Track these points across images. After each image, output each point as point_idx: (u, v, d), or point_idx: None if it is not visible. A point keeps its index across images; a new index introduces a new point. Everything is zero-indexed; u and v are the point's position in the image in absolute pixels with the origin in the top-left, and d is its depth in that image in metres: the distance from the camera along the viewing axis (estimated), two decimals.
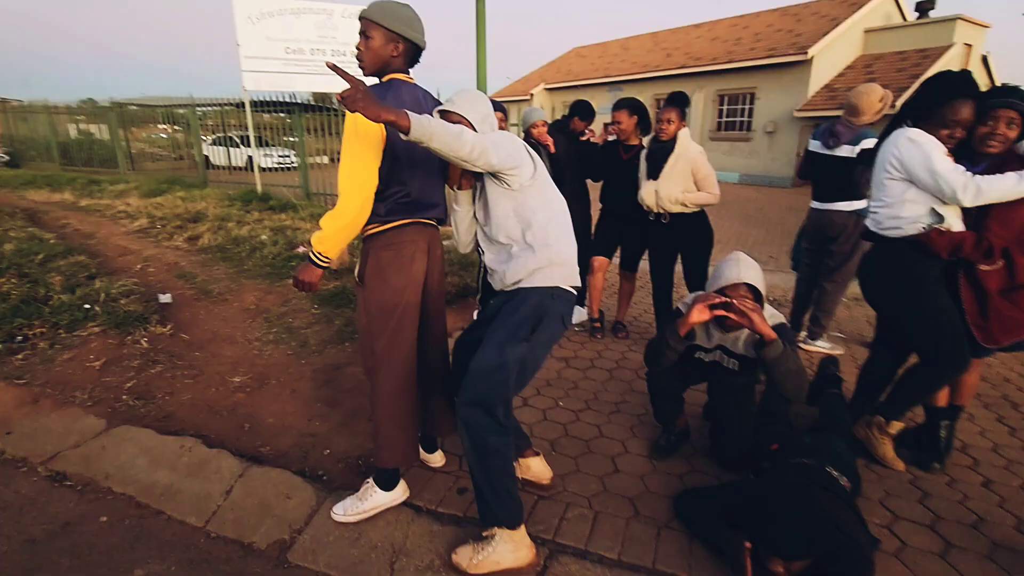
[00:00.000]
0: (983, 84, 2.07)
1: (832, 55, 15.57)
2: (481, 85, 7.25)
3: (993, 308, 2.13)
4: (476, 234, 1.90)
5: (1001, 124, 2.00)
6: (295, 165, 12.44)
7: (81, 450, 2.33)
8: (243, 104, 9.01)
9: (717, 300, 1.91)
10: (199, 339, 3.46)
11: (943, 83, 2.07)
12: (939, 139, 2.04)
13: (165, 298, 3.97)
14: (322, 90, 8.76)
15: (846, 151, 3.17)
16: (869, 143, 3.05)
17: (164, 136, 14.26)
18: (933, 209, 2.07)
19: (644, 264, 3.69)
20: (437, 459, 2.23)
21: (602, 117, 8.66)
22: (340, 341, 3.50)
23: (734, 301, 1.88)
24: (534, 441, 2.28)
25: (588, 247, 3.80)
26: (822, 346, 3.59)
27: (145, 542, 1.90)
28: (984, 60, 15.83)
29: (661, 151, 3.14)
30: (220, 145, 13.50)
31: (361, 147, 1.64)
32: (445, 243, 2.40)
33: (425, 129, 1.39)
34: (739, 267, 1.95)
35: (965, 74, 2.09)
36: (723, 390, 2.27)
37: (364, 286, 1.84)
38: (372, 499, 1.93)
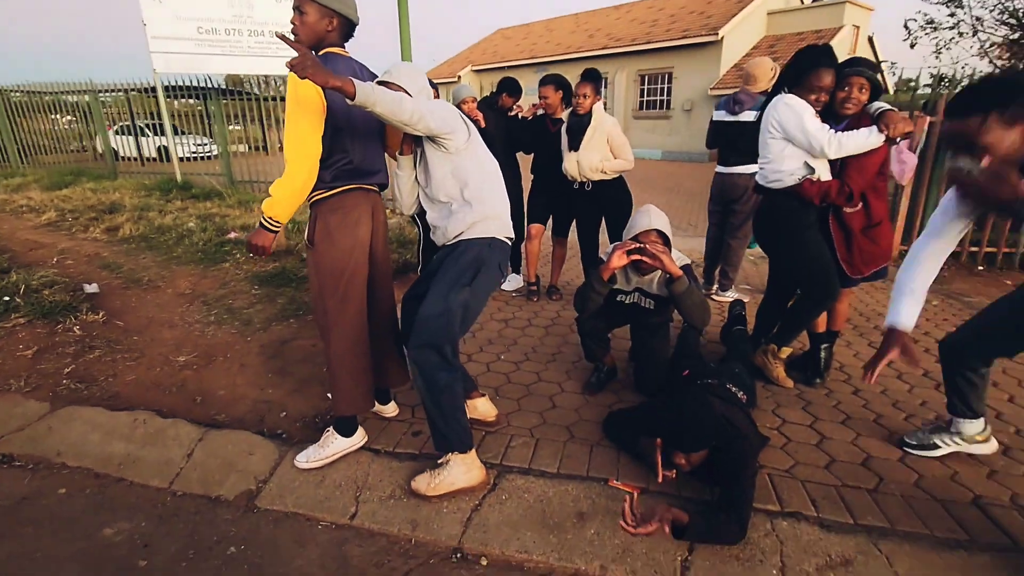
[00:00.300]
0: (872, 61, 2.46)
1: (740, 36, 16.57)
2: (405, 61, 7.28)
3: (856, 244, 2.55)
4: (418, 196, 2.07)
5: (854, 89, 2.40)
6: (214, 153, 11.88)
7: (26, 432, 2.33)
8: (150, 89, 8.52)
9: (633, 246, 2.19)
10: (135, 325, 3.41)
11: (809, 55, 2.44)
12: (808, 103, 2.41)
13: (91, 288, 3.85)
14: (240, 71, 8.43)
15: (750, 116, 3.57)
16: None
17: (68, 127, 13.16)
18: (806, 163, 2.45)
19: (575, 236, 3.97)
20: (391, 409, 2.41)
21: (530, 97, 8.90)
22: (284, 318, 3.56)
23: (647, 246, 2.18)
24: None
25: (520, 216, 4.04)
26: (732, 296, 4.03)
27: (110, 506, 1.97)
28: (870, 40, 17.37)
29: (579, 124, 3.40)
30: (126, 134, 12.63)
31: (302, 114, 1.76)
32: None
33: (369, 95, 1.55)
34: (649, 217, 2.25)
35: (826, 47, 2.47)
36: (642, 329, 2.58)
37: (314, 248, 1.96)
38: (333, 445, 2.10)
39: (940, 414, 2.33)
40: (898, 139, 2.37)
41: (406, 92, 1.85)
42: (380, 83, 1.87)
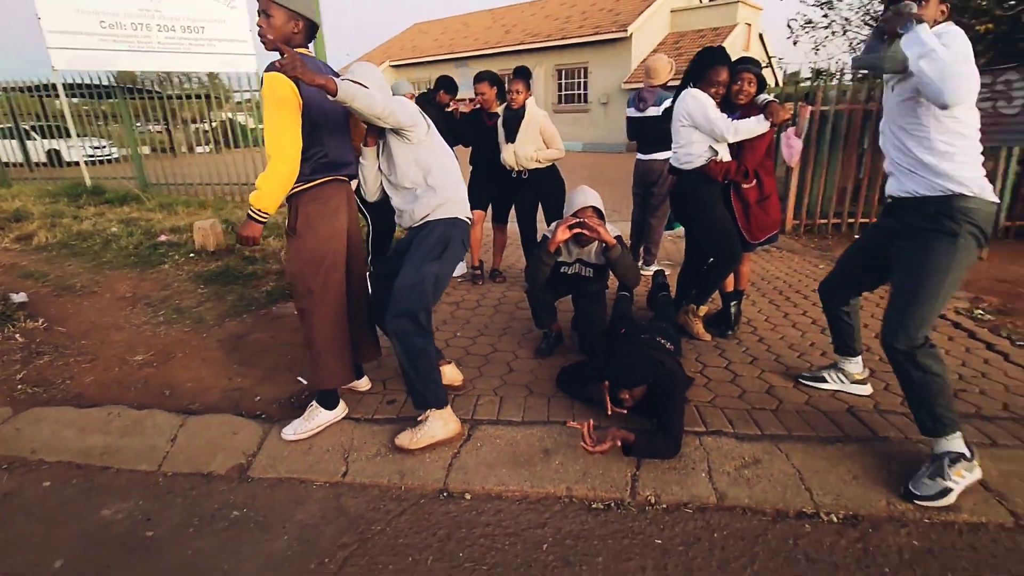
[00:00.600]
0: (761, 58, 2.92)
1: (647, 32, 17.57)
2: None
3: (753, 214, 3.04)
4: (381, 184, 2.28)
5: (745, 83, 2.87)
6: (113, 156, 11.09)
7: None
8: (35, 88, 7.93)
9: (574, 221, 2.53)
10: (79, 330, 3.35)
11: (707, 56, 2.88)
12: (709, 96, 2.85)
13: (19, 297, 3.70)
14: (150, 68, 8.02)
15: (653, 111, 4.03)
16: (668, 103, 3.92)
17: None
18: (711, 146, 2.89)
19: (513, 224, 4.28)
20: (364, 384, 2.61)
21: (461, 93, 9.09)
22: (237, 314, 3.62)
23: (585, 220, 2.52)
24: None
25: None
26: (655, 268, 4.51)
27: (101, 491, 2.05)
28: (760, 37, 18.98)
29: (514, 117, 3.71)
30: (9, 137, 11.52)
31: (281, 112, 1.92)
32: None
33: (348, 92, 1.76)
34: (585, 195, 2.60)
35: (721, 49, 2.93)
36: (582, 298, 2.94)
37: (296, 236, 2.12)
38: (317, 418, 2.28)
39: (826, 351, 2.86)
40: (788, 124, 2.87)
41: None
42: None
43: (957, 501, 1.85)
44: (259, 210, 1.98)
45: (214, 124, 10.49)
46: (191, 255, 4.63)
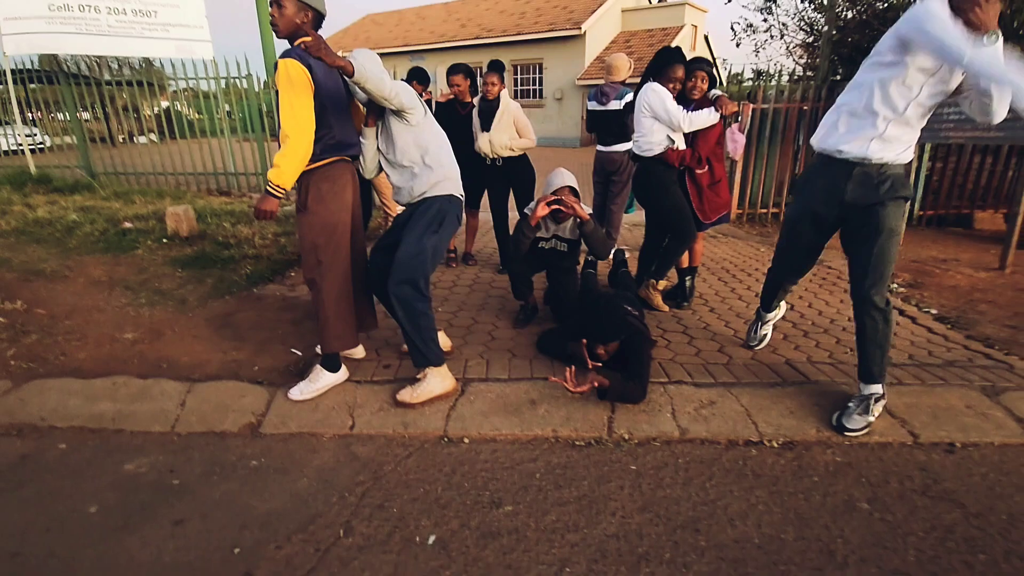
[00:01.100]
0: (708, 57, 3.28)
1: (600, 31, 18.10)
2: (269, 54, 7.19)
3: (706, 197, 3.42)
4: (379, 162, 2.48)
5: (698, 80, 3.23)
6: (43, 145, 10.46)
7: None
8: None
9: (553, 198, 2.82)
10: (59, 312, 3.37)
11: (666, 55, 3.23)
12: (668, 90, 3.19)
13: None
14: (99, 52, 7.75)
15: (615, 105, 4.37)
16: (629, 97, 4.27)
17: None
18: (668, 135, 3.24)
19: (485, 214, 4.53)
20: (359, 352, 2.81)
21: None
22: (220, 295, 3.71)
23: (563, 198, 2.81)
24: None
25: None
26: (615, 249, 4.86)
27: (120, 450, 2.19)
28: (706, 38, 19.89)
29: (489, 108, 3.96)
30: None
31: (297, 95, 2.10)
32: None
33: (363, 73, 1.97)
34: (562, 176, 2.90)
35: (678, 49, 3.28)
36: (557, 271, 3.24)
37: (307, 212, 2.29)
38: (322, 379, 2.47)
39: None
40: (735, 119, 3.25)
41: None
42: None
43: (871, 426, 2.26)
44: (277, 185, 2.15)
45: (156, 110, 10.10)
46: (164, 240, 4.63)
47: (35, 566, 1.63)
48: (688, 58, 3.28)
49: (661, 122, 3.20)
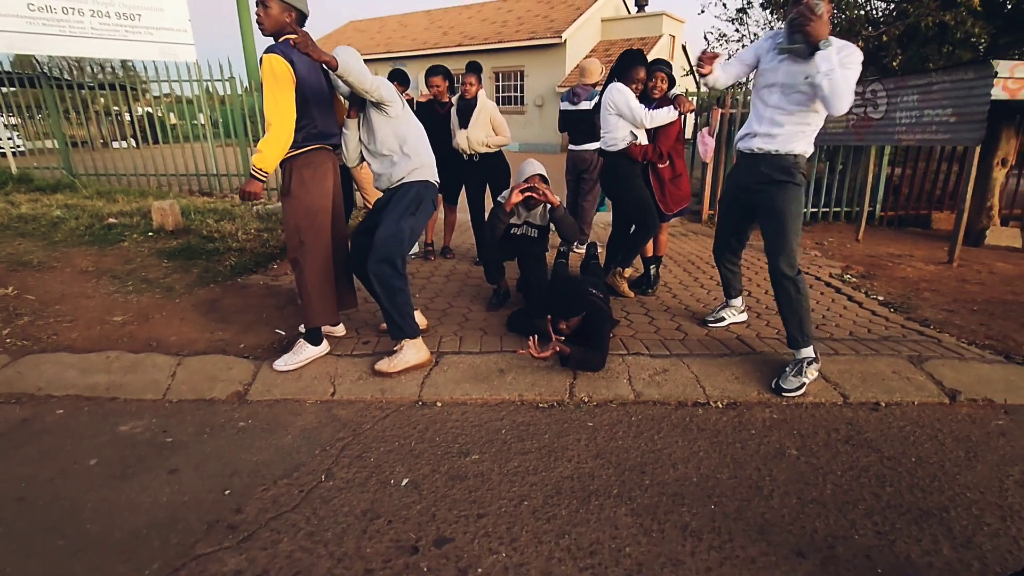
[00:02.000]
0: (683, 66, 3.54)
1: (580, 40, 18.51)
2: (251, 58, 7.34)
3: (668, 190, 3.67)
4: (361, 152, 2.68)
5: (659, 80, 3.49)
6: (23, 149, 10.38)
7: None
8: None
9: (525, 186, 3.05)
10: (48, 298, 3.49)
11: (629, 57, 3.48)
12: (631, 90, 3.45)
13: None
14: (82, 54, 7.82)
15: (585, 105, 4.63)
16: (599, 98, 4.52)
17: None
18: (632, 131, 3.49)
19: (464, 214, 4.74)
20: (340, 330, 2.99)
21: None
22: (205, 284, 3.86)
23: (536, 185, 3.04)
24: None
25: None
26: (588, 243, 5.10)
27: (115, 414, 2.34)
28: (683, 48, 20.44)
29: (467, 106, 4.19)
30: None
31: (280, 88, 2.29)
32: None
33: (346, 66, 2.17)
34: (532, 166, 3.13)
35: (640, 52, 3.54)
36: (528, 258, 3.46)
37: (291, 196, 2.48)
38: (305, 352, 2.65)
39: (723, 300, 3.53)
40: (706, 122, 3.51)
41: None
42: None
43: (806, 389, 2.50)
44: (260, 169, 2.33)
45: (137, 114, 10.09)
46: (150, 234, 4.76)
47: (41, 508, 1.78)
48: (650, 60, 3.55)
49: (625, 119, 3.45)
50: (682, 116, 3.49)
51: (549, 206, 3.11)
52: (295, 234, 2.53)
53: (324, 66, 2.20)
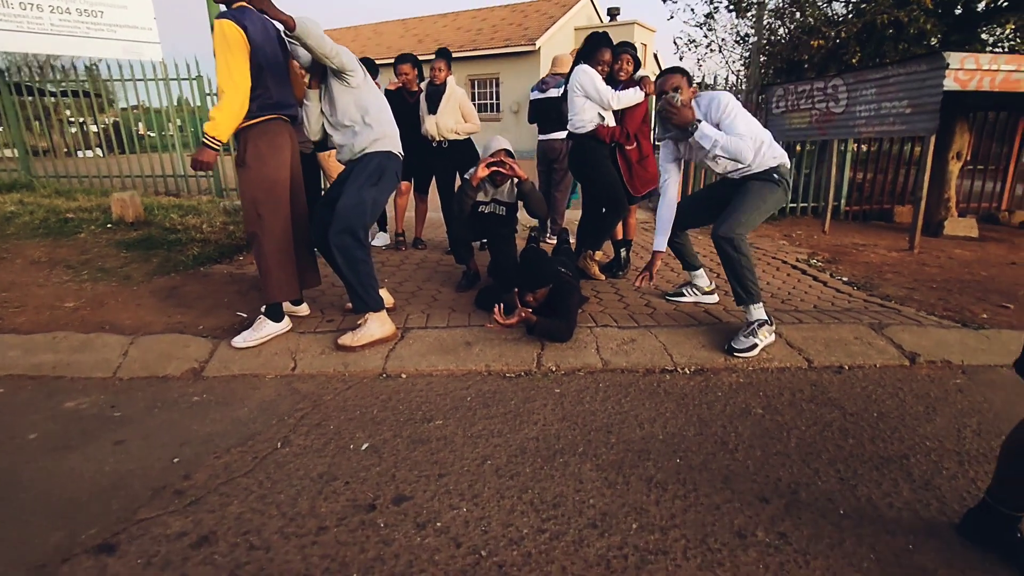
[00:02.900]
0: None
1: (554, 47, 18.70)
2: None
3: (635, 171, 3.70)
4: (323, 124, 2.63)
5: (624, 63, 3.53)
6: None
7: None
8: None
9: (492, 160, 3.03)
10: None
11: (595, 40, 3.51)
12: (597, 72, 3.47)
13: None
14: (41, 51, 7.60)
15: (554, 92, 4.66)
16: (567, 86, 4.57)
17: None
18: (599, 113, 3.51)
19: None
20: (303, 309, 2.92)
21: None
22: (166, 272, 3.74)
23: (502, 159, 3.02)
24: None
25: None
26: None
27: (60, 392, 2.23)
28: (655, 56, 20.85)
29: (436, 92, 4.17)
30: None
31: (233, 53, 2.24)
32: None
33: (305, 27, 2.13)
34: (498, 141, 3.12)
35: (605, 34, 3.57)
36: (498, 239, 3.43)
37: (246, 167, 2.41)
38: (265, 328, 2.57)
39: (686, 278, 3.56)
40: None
41: None
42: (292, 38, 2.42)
43: (769, 354, 2.52)
44: (213, 137, 2.27)
45: (104, 125, 9.78)
46: (108, 226, 4.60)
47: None
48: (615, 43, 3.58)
49: (592, 101, 3.47)
50: (647, 96, 3.53)
51: (516, 180, 3.10)
52: (252, 207, 2.46)
53: (282, 29, 2.15)
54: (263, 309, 2.60)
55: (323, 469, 1.74)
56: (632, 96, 3.45)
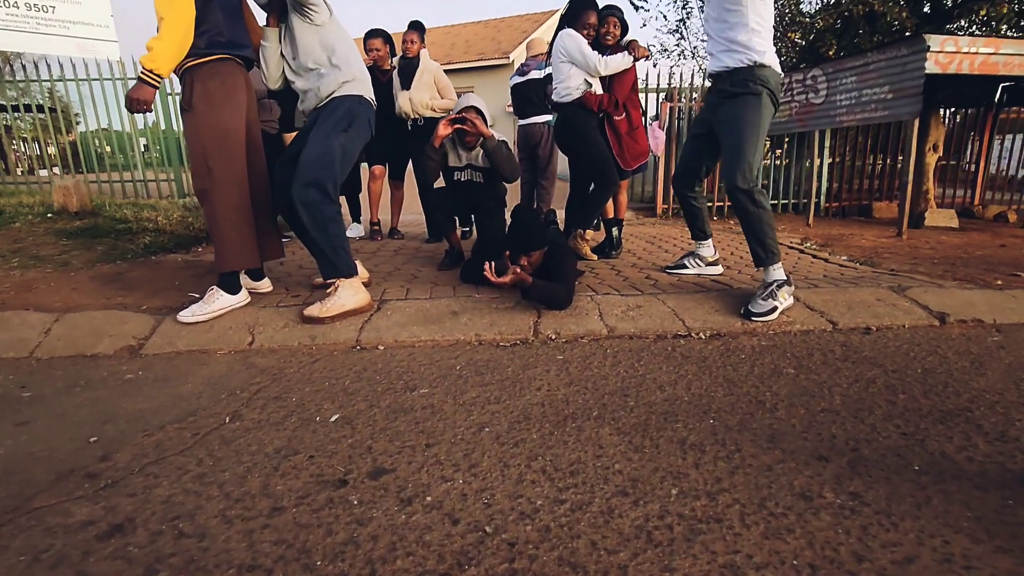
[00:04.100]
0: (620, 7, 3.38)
1: None
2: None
3: (625, 144, 3.47)
4: (284, 71, 2.32)
5: (611, 26, 3.32)
6: None
7: None
8: None
9: (455, 116, 2.75)
10: None
11: (579, 1, 3.30)
12: (582, 36, 3.25)
13: None
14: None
15: (535, 74, 4.44)
16: (548, 70, 4.36)
17: None
18: (585, 79, 3.28)
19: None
20: (265, 285, 2.57)
21: None
22: (111, 260, 3.33)
23: (465, 115, 2.75)
24: None
25: (356, 168, 4.32)
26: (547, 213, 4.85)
27: None
28: None
29: (409, 66, 3.91)
30: None
31: None
32: None
33: None
34: (468, 99, 2.85)
35: None
36: (481, 214, 3.14)
37: (193, 111, 2.09)
38: (218, 302, 2.22)
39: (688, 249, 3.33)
40: (655, 116, 3.34)
41: None
42: None
43: (790, 317, 2.27)
44: (150, 70, 1.95)
45: (62, 144, 9.16)
46: (49, 216, 4.17)
47: None
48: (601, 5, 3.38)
49: (578, 66, 3.25)
50: (637, 61, 3.32)
51: (480, 140, 2.81)
52: (202, 158, 2.12)
53: None
54: (217, 280, 2.25)
55: (281, 443, 1.40)
56: (620, 61, 3.24)
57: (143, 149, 7.89)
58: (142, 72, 1.94)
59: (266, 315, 2.25)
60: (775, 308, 2.26)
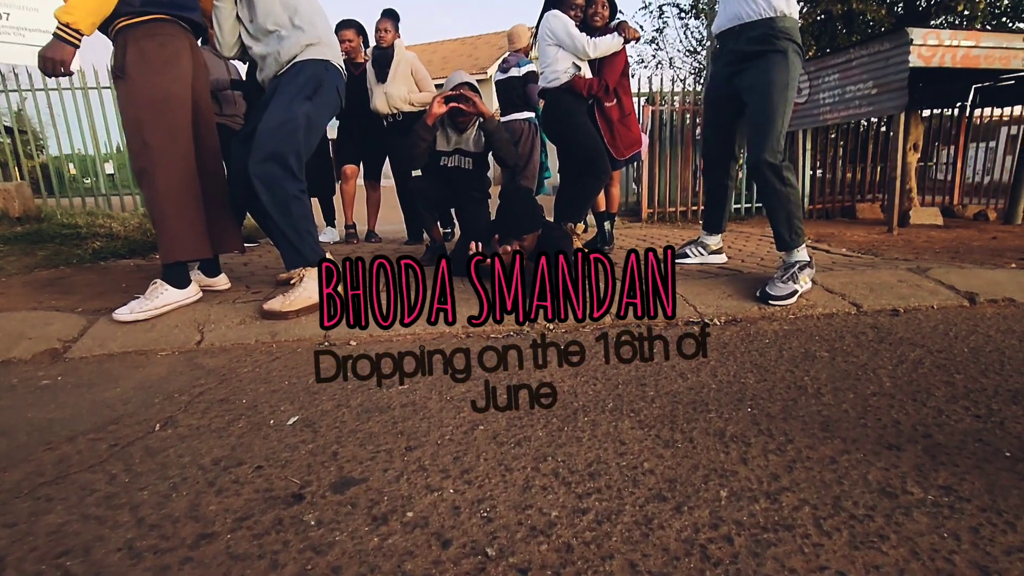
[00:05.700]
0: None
1: None
2: None
3: (617, 131, 3.27)
4: (239, 37, 2.05)
5: (598, 6, 3.14)
6: None
7: None
8: None
9: (451, 94, 2.51)
10: None
11: None
12: (569, 16, 3.06)
13: None
14: None
15: (515, 72, 4.24)
16: (530, 67, 4.17)
17: None
18: (574, 63, 3.08)
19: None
20: (222, 282, 2.27)
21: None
22: (53, 266, 2.99)
23: (463, 93, 2.51)
24: None
25: (329, 169, 4.04)
26: None
27: None
28: None
29: (384, 56, 3.67)
30: None
31: None
32: None
33: None
34: (460, 75, 2.61)
35: None
36: (467, 203, 2.89)
37: (126, 77, 1.81)
38: (162, 297, 1.91)
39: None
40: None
41: None
42: None
43: (809, 300, 2.06)
44: (67, 24, 1.67)
45: (30, 167, 8.67)
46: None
47: None
48: None
49: (566, 49, 3.05)
50: (627, 43, 3.14)
51: (480, 120, 2.58)
52: (138, 132, 1.82)
53: None
54: (161, 273, 1.95)
55: (222, 453, 1.11)
56: (610, 43, 3.05)
57: (108, 174, 7.48)
58: (58, 27, 1.67)
59: (219, 311, 1.95)
60: (795, 292, 2.04)
